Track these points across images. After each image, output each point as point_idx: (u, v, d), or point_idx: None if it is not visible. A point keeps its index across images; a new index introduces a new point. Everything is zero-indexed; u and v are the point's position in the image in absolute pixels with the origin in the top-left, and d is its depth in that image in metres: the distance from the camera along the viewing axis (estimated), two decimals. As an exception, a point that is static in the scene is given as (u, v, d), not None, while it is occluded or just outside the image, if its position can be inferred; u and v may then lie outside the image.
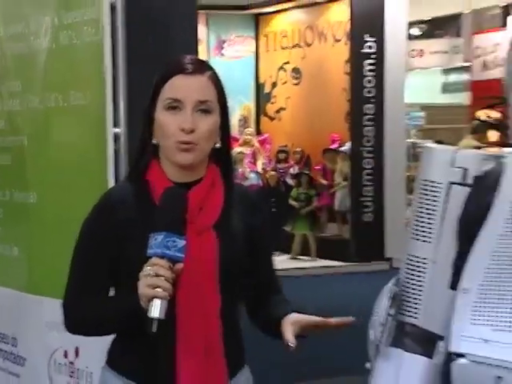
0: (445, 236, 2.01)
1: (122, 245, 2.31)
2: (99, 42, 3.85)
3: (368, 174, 12.91)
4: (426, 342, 1.99)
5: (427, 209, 2.03)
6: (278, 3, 14.17)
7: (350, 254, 12.83)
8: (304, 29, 13.90)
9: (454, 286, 1.95)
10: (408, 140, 13.84)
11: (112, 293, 2.43)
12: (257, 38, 14.58)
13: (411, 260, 2.04)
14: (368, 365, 2.06)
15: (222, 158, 2.43)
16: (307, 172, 13.47)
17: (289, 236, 13.09)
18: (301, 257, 12.93)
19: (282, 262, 12.72)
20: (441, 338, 1.96)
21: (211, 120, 2.32)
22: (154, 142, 2.36)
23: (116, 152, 3.89)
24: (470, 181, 2.01)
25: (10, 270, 4.54)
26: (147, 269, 2.09)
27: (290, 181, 13.56)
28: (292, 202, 13.06)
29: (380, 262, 12.37)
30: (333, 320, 2.28)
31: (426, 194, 2.04)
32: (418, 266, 2.02)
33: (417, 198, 2.06)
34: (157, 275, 2.07)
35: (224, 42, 14.03)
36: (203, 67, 2.37)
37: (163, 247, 2.07)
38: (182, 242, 2.09)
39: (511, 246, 1.88)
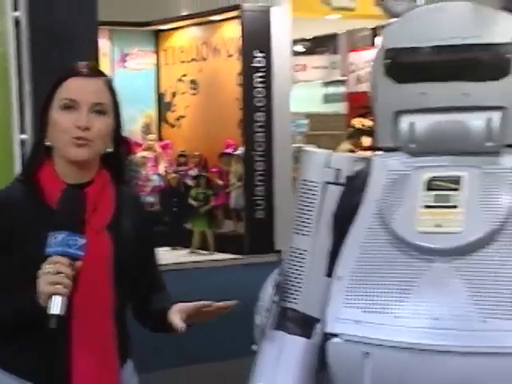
0: (321, 230, 2.06)
1: (16, 244, 2.14)
2: (4, 53, 3.81)
3: (259, 175, 12.97)
4: (305, 324, 2.05)
5: (306, 206, 2.08)
6: (176, 21, 14.10)
7: (244, 247, 12.85)
8: (200, 44, 13.87)
9: (329, 273, 2.01)
10: (294, 145, 13.95)
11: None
12: (157, 52, 14.47)
13: (293, 252, 2.09)
14: (254, 347, 2.10)
15: (113, 162, 2.31)
16: (205, 174, 13.48)
17: (189, 232, 13.06)
18: (200, 251, 12.87)
19: (182, 255, 12.85)
20: (318, 320, 2.02)
21: (105, 121, 2.20)
22: (47, 143, 2.21)
23: (23, 157, 3.84)
24: (342, 180, 2.07)
25: None
26: (47, 267, 1.95)
27: (189, 182, 13.49)
28: (191, 202, 13.02)
29: (271, 254, 12.32)
30: (215, 304, 2.19)
31: (305, 193, 2.09)
32: (298, 257, 2.06)
33: (297, 197, 2.12)
34: (58, 272, 1.93)
35: (127, 55, 13.84)
36: (98, 73, 2.28)
37: (64, 246, 1.95)
38: (82, 241, 1.98)
39: (377, 238, 1.94)
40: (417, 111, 1.97)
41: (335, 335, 1.91)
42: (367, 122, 13.56)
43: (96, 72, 2.27)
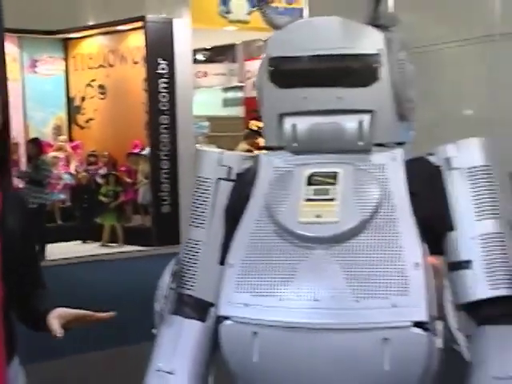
0: (215, 222, 2.07)
1: None
2: None
3: (165, 173, 13.00)
4: (200, 309, 2.06)
5: (201, 200, 2.09)
6: (84, 30, 13.99)
7: (152, 239, 12.82)
8: (107, 52, 13.78)
9: (222, 262, 2.01)
10: (196, 145, 13.99)
11: None
12: (66, 59, 14.33)
13: (189, 242, 2.09)
14: (154, 331, 2.09)
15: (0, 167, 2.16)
16: (114, 172, 13.48)
17: (99, 226, 12.96)
18: (110, 244, 12.82)
19: (93, 248, 12.77)
20: (212, 305, 2.03)
21: None
22: None
23: None
24: (233, 177, 2.09)
25: None
26: None
27: (99, 180, 13.46)
28: (101, 198, 12.98)
29: (176, 246, 12.23)
30: (94, 315, 2.13)
31: (200, 189, 2.10)
32: (194, 248, 2.07)
33: (193, 192, 2.12)
34: None
35: (36, 61, 13.65)
36: None
37: None
38: None
39: (264, 228, 1.95)
40: (298, 114, 1.98)
41: (227, 318, 1.92)
42: (261, 124, 13.71)
43: None
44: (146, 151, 13.16)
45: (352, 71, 1.93)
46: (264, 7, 2.06)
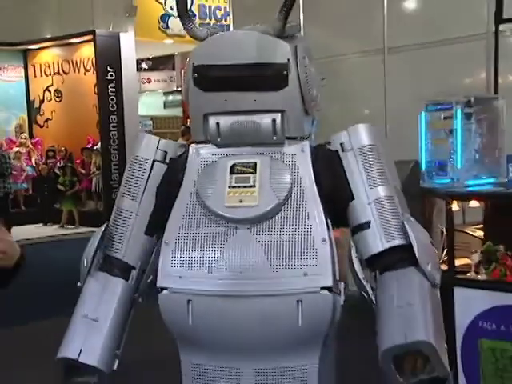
0: (146, 197, 2.05)
1: None
2: None
3: (114, 165, 12.87)
4: (124, 270, 2.03)
5: (136, 176, 2.06)
6: (42, 42, 13.74)
7: (100, 221, 12.57)
8: (62, 61, 13.56)
9: (147, 232, 2.02)
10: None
11: None
12: (26, 67, 14.05)
13: (120, 212, 2.05)
14: (79, 284, 2.04)
15: None
16: (70, 164, 13.33)
17: (58, 211, 12.80)
18: (68, 226, 12.62)
19: (53, 230, 12.58)
20: (134, 268, 2.02)
21: None
22: None
23: None
24: (167, 160, 2.07)
25: None
26: None
27: (57, 171, 13.29)
28: (60, 187, 12.84)
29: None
30: None
31: (136, 166, 2.06)
32: (124, 216, 2.03)
33: (128, 168, 2.08)
34: None
35: (0, 69, 13.44)
36: None
37: None
38: None
39: (195, 211, 1.94)
40: (221, 113, 1.97)
41: (165, 288, 1.92)
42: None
43: None
44: (98, 146, 13.04)
45: (265, 78, 1.92)
46: (186, 22, 2.01)
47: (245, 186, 1.91)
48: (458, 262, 3.64)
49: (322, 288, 1.83)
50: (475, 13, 6.20)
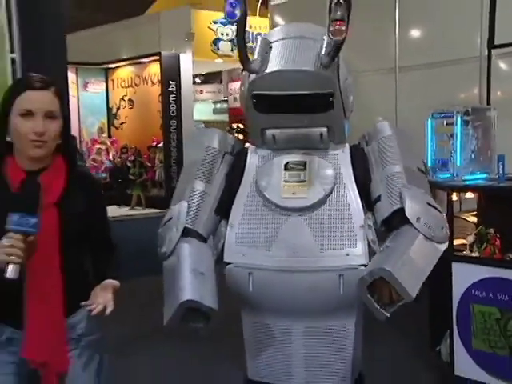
0: (216, 182, 2.00)
1: None
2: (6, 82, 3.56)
3: (174, 159, 12.84)
4: (200, 237, 1.95)
5: (210, 163, 2.01)
6: (119, 61, 13.83)
7: (165, 204, 12.52)
8: (134, 76, 13.63)
9: (216, 211, 1.96)
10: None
11: None
12: (106, 82, 14.12)
13: (195, 192, 1.97)
14: (164, 249, 1.93)
15: (66, 149, 1.89)
16: (139, 159, 13.31)
17: (129, 196, 12.82)
18: (137, 207, 12.67)
19: (125, 211, 12.63)
20: (206, 240, 1.94)
21: (57, 124, 1.81)
22: (9, 139, 1.81)
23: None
24: (234, 153, 2.04)
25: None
26: (4, 241, 1.64)
27: (129, 164, 13.36)
28: (131, 177, 12.80)
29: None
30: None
31: (209, 155, 2.01)
32: (200, 196, 1.96)
33: (203, 156, 2.01)
34: (12, 246, 1.63)
35: (87, 83, 13.38)
36: (48, 84, 1.81)
37: (17, 225, 1.64)
38: (33, 220, 1.65)
39: (255, 200, 1.92)
40: (276, 127, 1.94)
41: (230, 263, 1.91)
42: (240, 125, 13.82)
43: (46, 84, 1.81)
44: (161, 144, 13.05)
45: (314, 104, 1.88)
46: (245, 61, 1.93)
47: (297, 181, 1.89)
48: (455, 242, 3.62)
49: (360, 265, 1.82)
50: (470, 40, 6.16)
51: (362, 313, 1.98)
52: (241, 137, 13.57)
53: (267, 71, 1.89)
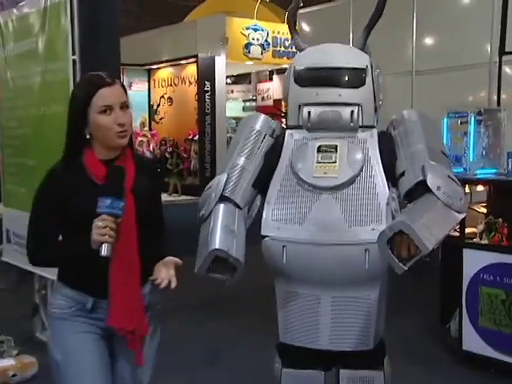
0: (257, 159, 1.95)
1: (67, 205, 1.73)
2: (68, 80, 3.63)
3: (208, 151, 12.83)
4: (236, 206, 1.91)
5: (253, 142, 1.97)
6: (160, 63, 13.88)
7: (199, 192, 12.51)
8: (173, 77, 13.67)
9: (254, 184, 1.92)
10: (228, 134, 13.98)
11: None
12: (149, 81, 14.18)
13: (236, 166, 1.94)
14: (202, 212, 1.89)
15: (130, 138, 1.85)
16: (176, 150, 13.34)
17: (167, 183, 12.90)
18: (173, 194, 12.71)
19: (164, 197, 12.66)
20: (239, 206, 1.91)
21: (130, 113, 1.81)
22: (88, 136, 1.77)
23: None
24: (274, 135, 2.00)
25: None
26: (99, 223, 1.64)
27: (167, 155, 13.39)
28: (169, 166, 12.79)
29: (213, 196, 12.31)
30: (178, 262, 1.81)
31: (253, 135, 1.98)
32: (240, 170, 1.92)
33: (247, 134, 1.98)
34: (106, 227, 1.64)
35: (132, 83, 13.42)
36: (115, 79, 1.80)
37: (111, 208, 1.64)
38: (122, 204, 1.67)
39: (289, 179, 1.89)
40: (312, 104, 1.91)
41: (266, 236, 1.89)
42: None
43: (113, 79, 1.79)
44: (196, 137, 13.08)
45: (348, 78, 1.87)
46: (294, 37, 2.05)
47: (328, 162, 1.86)
48: (467, 231, 3.60)
49: None
50: (480, 47, 6.11)
51: (386, 284, 1.95)
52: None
53: (308, 48, 1.97)
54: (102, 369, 1.78)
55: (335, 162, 1.86)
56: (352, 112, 1.88)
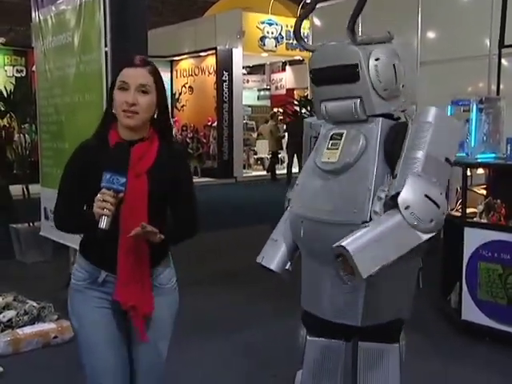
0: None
1: (88, 179, 1.68)
2: (101, 70, 3.66)
3: (225, 137, 12.92)
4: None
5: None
6: (181, 55, 13.86)
7: (217, 175, 12.69)
8: (194, 67, 13.65)
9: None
10: (244, 121, 13.95)
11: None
12: (171, 72, 14.20)
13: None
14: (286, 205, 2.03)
15: (160, 124, 1.78)
16: (196, 136, 13.47)
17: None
18: (195, 176, 12.86)
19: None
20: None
21: (148, 98, 1.70)
22: (114, 111, 1.74)
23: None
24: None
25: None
26: (99, 196, 1.60)
27: (188, 140, 13.46)
28: (189, 151, 12.94)
29: (230, 179, 12.48)
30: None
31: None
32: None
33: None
34: (104, 200, 1.59)
35: (156, 73, 13.63)
36: (145, 63, 1.72)
37: (110, 182, 1.60)
38: (123, 180, 1.60)
39: (310, 165, 1.93)
40: (327, 100, 1.91)
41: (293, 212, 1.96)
42: (280, 110, 13.72)
43: (144, 63, 1.72)
44: (215, 124, 13.13)
45: (342, 74, 1.84)
46: (301, 43, 2.03)
47: (334, 148, 1.86)
48: (468, 211, 3.58)
49: (362, 222, 1.71)
50: (480, 40, 6.07)
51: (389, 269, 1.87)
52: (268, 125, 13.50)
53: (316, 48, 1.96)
54: (112, 339, 1.76)
55: (337, 149, 1.85)
56: (355, 104, 1.84)
